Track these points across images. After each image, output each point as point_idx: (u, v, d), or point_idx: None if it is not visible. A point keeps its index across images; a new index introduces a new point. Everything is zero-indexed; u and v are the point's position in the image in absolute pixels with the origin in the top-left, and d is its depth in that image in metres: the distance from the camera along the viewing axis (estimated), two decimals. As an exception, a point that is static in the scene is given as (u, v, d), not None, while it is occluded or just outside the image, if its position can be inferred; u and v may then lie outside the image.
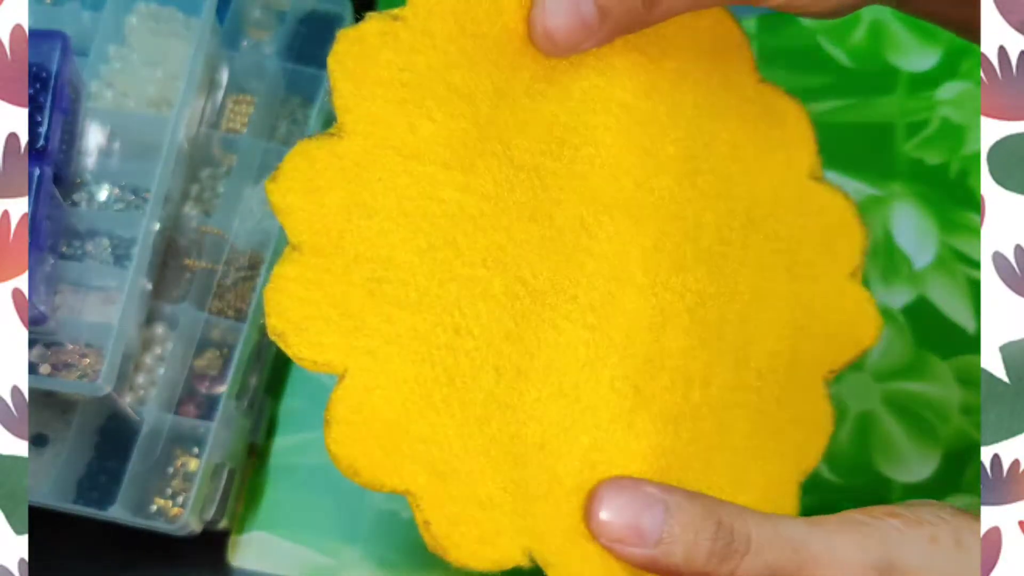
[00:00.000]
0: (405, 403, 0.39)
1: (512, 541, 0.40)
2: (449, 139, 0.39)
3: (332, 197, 0.38)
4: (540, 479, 0.40)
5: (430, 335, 0.39)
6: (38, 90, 0.62)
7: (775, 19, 0.88)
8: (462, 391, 0.39)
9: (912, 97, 0.85)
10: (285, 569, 0.67)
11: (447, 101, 0.39)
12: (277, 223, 0.68)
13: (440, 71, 0.39)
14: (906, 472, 0.71)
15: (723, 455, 0.45)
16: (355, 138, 0.38)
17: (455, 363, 0.39)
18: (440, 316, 0.39)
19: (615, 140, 0.42)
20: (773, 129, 0.47)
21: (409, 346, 0.39)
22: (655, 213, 0.43)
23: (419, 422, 0.39)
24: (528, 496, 0.40)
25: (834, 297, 0.48)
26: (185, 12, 0.73)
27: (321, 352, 0.38)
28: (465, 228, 0.39)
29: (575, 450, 0.41)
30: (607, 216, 0.42)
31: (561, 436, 0.41)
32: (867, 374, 0.74)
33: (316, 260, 0.38)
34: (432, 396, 0.39)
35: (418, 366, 0.39)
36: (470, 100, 0.39)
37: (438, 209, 0.39)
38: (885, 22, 0.88)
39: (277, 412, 0.71)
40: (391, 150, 0.38)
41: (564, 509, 0.41)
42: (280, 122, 0.74)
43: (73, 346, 0.65)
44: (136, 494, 0.65)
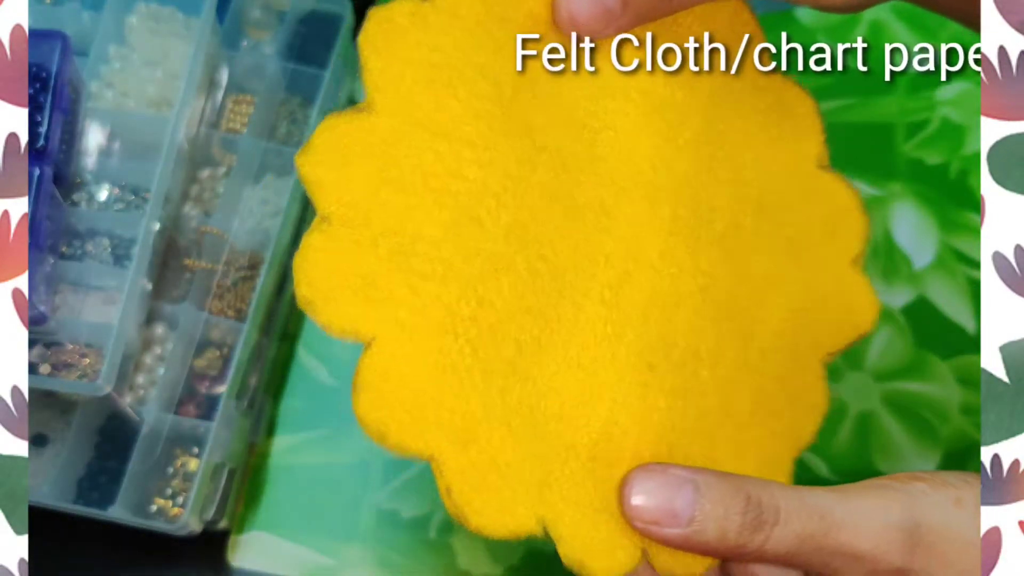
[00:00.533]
0: (431, 372, 0.40)
1: (529, 510, 0.41)
2: (475, 118, 0.40)
3: (361, 171, 0.39)
4: (557, 450, 0.41)
5: (455, 307, 0.40)
6: (38, 90, 0.62)
7: (775, 19, 0.88)
8: (484, 362, 0.40)
9: (912, 97, 0.86)
10: (285, 569, 0.67)
11: (473, 82, 0.40)
12: (277, 223, 0.68)
13: (467, 52, 0.40)
14: (906, 471, 0.71)
15: (725, 431, 0.46)
16: (384, 115, 0.39)
17: (478, 335, 0.40)
18: (464, 289, 0.40)
19: (634, 125, 0.44)
20: (784, 119, 0.49)
21: (434, 317, 0.39)
22: (671, 196, 0.44)
23: (444, 390, 0.40)
24: (545, 466, 0.41)
25: (836, 282, 0.49)
26: (185, 12, 0.73)
27: (350, 321, 0.39)
28: (488, 205, 0.40)
29: (592, 422, 0.42)
30: (625, 198, 0.43)
31: (578, 408, 0.42)
32: (867, 374, 0.74)
33: (344, 231, 0.38)
34: (457, 366, 0.40)
35: (443, 337, 0.40)
36: (495, 82, 0.40)
37: (463, 186, 0.40)
38: (885, 22, 0.88)
39: (277, 412, 0.72)
40: (418, 127, 0.39)
41: (578, 479, 0.42)
42: (280, 122, 0.74)
43: (73, 346, 0.65)
44: (136, 494, 0.65)
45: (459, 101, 0.40)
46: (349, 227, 0.39)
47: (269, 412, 0.71)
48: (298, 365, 0.73)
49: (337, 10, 0.76)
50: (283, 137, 0.73)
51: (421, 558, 0.68)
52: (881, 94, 0.85)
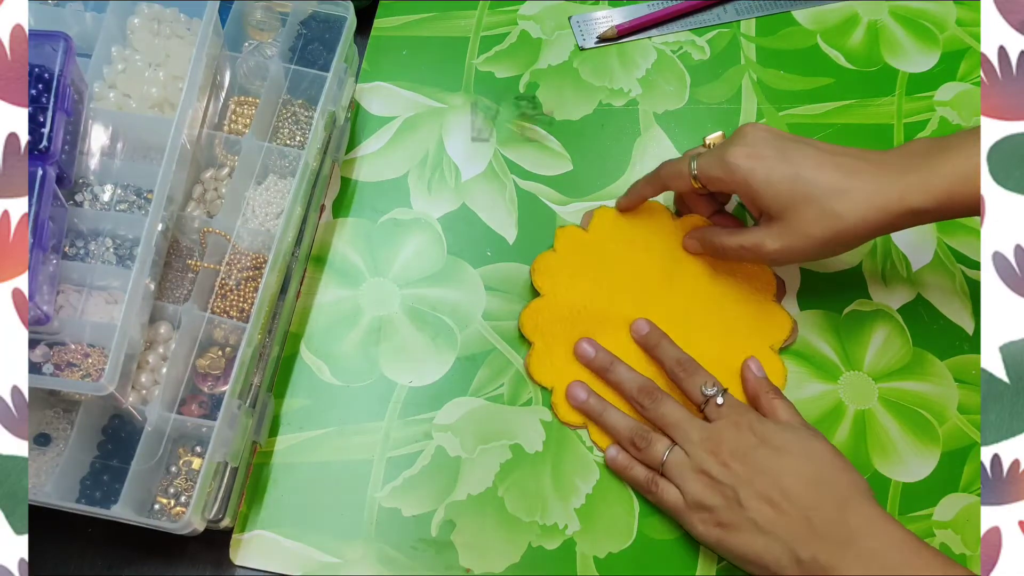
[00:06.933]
0: (554, 351, 0.77)
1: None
2: (592, 288, 0.78)
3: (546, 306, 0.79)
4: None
5: (572, 337, 0.77)
6: (41, 91, 0.62)
7: (775, 21, 0.88)
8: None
9: (911, 98, 0.86)
10: (287, 567, 0.68)
11: (590, 278, 0.79)
12: (280, 224, 0.69)
13: (582, 268, 0.79)
14: (904, 470, 0.71)
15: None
16: (552, 292, 0.78)
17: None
18: (583, 332, 0.78)
19: (660, 272, 0.80)
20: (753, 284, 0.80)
21: (562, 335, 0.77)
22: (662, 305, 0.79)
23: (565, 361, 0.76)
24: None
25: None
26: (187, 14, 0.73)
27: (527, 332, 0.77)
28: (601, 316, 0.78)
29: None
30: (645, 307, 0.78)
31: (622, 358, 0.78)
32: (865, 374, 0.74)
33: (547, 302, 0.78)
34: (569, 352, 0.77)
35: (567, 346, 0.77)
36: (596, 280, 0.78)
37: (594, 305, 0.78)
38: (884, 24, 0.88)
39: (279, 411, 0.72)
40: (566, 289, 0.78)
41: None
42: (283, 123, 0.74)
43: (76, 345, 0.65)
44: (139, 493, 0.65)
45: (586, 280, 0.78)
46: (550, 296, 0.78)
47: (272, 411, 0.71)
48: (300, 365, 0.73)
49: (339, 12, 0.76)
50: (285, 138, 0.74)
51: (422, 556, 0.68)
52: (880, 95, 0.85)
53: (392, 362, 0.73)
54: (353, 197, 0.78)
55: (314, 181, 0.74)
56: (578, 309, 0.77)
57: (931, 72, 0.86)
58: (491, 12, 0.87)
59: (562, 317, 0.77)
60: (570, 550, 0.68)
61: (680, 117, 0.83)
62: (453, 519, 0.69)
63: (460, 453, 0.71)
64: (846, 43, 0.87)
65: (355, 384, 0.73)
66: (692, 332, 0.76)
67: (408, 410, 0.72)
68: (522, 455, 0.71)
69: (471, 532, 0.69)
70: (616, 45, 0.86)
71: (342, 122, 0.78)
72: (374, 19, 0.86)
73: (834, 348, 0.75)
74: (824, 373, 0.74)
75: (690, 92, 0.84)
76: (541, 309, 0.77)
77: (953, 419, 0.73)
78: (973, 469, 0.71)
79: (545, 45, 0.85)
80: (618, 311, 0.77)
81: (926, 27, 0.88)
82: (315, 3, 0.76)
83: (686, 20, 0.87)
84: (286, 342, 0.74)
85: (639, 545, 0.69)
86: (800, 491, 0.64)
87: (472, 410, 0.72)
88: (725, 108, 0.83)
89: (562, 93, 0.83)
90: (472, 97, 0.83)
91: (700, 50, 0.86)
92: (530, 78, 0.84)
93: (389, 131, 0.81)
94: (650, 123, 0.82)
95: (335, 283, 0.76)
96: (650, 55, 0.85)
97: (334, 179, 0.79)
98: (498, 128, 0.82)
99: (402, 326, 0.74)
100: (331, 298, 0.75)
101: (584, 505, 0.70)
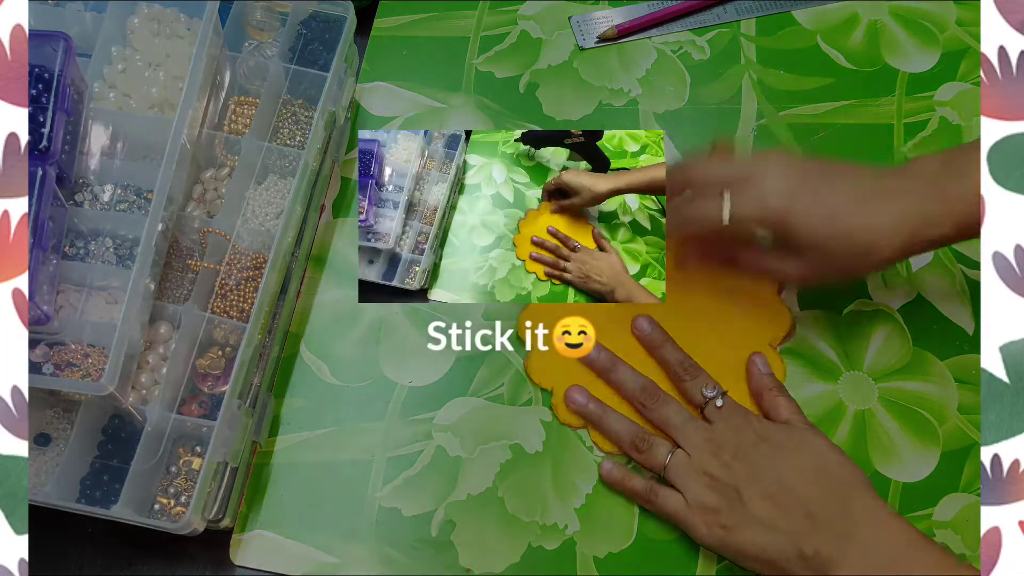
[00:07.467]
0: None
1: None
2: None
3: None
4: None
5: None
6: (41, 91, 0.62)
7: (775, 21, 0.88)
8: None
9: (911, 98, 0.85)
10: (287, 567, 0.68)
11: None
12: (280, 224, 0.69)
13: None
14: (904, 470, 0.71)
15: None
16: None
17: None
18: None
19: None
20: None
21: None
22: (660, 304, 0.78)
23: (565, 362, 0.75)
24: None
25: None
26: (187, 14, 0.73)
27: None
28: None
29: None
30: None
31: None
32: (865, 374, 0.74)
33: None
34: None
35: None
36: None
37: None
38: (884, 24, 0.88)
39: (279, 411, 0.72)
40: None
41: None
42: (283, 123, 0.74)
43: (76, 345, 0.65)
44: (139, 493, 0.65)
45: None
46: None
47: (272, 411, 0.71)
48: (300, 365, 0.73)
49: (339, 12, 0.76)
50: (285, 138, 0.74)
51: (422, 556, 0.68)
52: (880, 95, 0.85)
53: (392, 362, 0.73)
54: (353, 197, 0.78)
55: (314, 181, 0.74)
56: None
57: (931, 72, 0.86)
58: (491, 12, 0.87)
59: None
60: (570, 550, 0.68)
61: (680, 117, 0.83)
62: (453, 519, 0.69)
63: (460, 453, 0.71)
64: (846, 43, 0.87)
65: (355, 384, 0.73)
66: (689, 327, 0.75)
67: (408, 410, 0.72)
68: (522, 455, 0.71)
69: (471, 532, 0.69)
70: (616, 45, 0.86)
71: (342, 122, 0.78)
72: (374, 19, 0.86)
73: (834, 348, 0.75)
74: (824, 373, 0.74)
75: (690, 92, 0.84)
76: (540, 310, 0.75)
77: (953, 419, 0.73)
78: (973, 469, 0.71)
79: (545, 45, 0.85)
80: (617, 308, 0.76)
81: (926, 27, 0.88)
82: (315, 3, 0.76)
83: (686, 20, 0.87)
84: (286, 342, 0.74)
85: (639, 545, 0.69)
86: (801, 486, 0.64)
87: (472, 410, 0.72)
88: (725, 108, 0.83)
89: (562, 93, 0.83)
90: (472, 98, 0.83)
91: (700, 50, 0.86)
92: (530, 78, 0.84)
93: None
94: (650, 123, 0.82)
95: (335, 283, 0.76)
96: (650, 55, 0.85)
97: (334, 179, 0.79)
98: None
99: (402, 326, 0.74)
100: (331, 298, 0.75)
101: (584, 505, 0.70)
